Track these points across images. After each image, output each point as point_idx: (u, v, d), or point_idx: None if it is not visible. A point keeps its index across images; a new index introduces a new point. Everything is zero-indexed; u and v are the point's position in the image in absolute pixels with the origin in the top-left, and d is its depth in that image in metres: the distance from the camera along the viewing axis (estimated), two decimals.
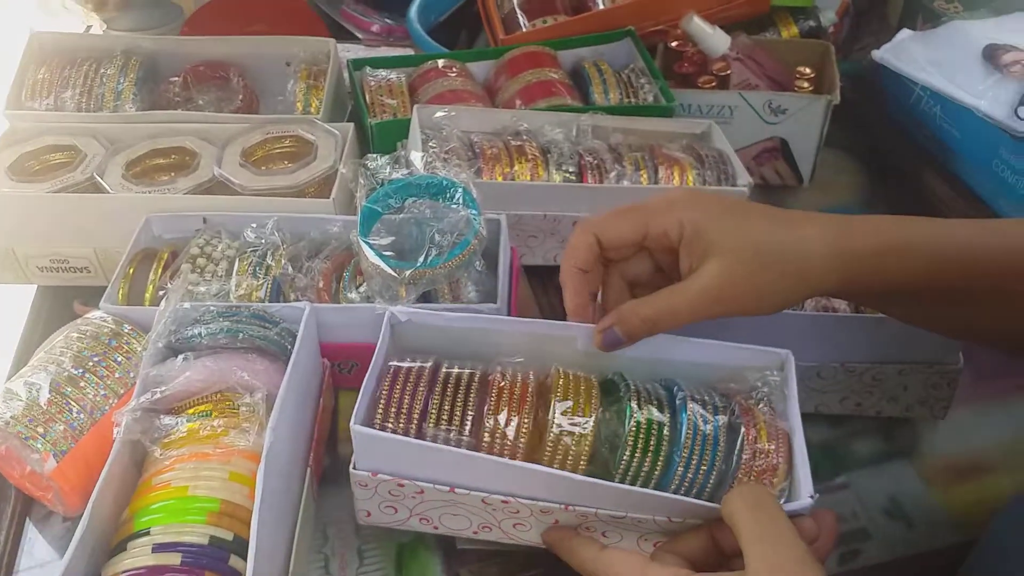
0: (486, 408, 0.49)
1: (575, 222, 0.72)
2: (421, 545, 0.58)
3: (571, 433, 0.48)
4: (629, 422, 0.48)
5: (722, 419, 0.49)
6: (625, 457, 0.48)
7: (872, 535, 0.60)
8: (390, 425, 0.48)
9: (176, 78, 0.81)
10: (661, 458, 0.48)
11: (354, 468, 0.49)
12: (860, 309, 0.63)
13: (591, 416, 0.48)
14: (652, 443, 0.48)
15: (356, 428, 0.47)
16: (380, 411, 0.49)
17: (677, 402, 0.49)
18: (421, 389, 0.49)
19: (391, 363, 0.51)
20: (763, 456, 0.48)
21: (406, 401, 0.49)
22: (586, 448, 0.48)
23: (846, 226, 0.49)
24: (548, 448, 0.48)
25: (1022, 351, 0.54)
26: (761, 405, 0.50)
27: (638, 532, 0.49)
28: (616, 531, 0.49)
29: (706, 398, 0.50)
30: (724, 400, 0.51)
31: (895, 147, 0.92)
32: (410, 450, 0.47)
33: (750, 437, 0.48)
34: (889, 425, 0.66)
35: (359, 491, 0.50)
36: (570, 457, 0.48)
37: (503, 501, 0.48)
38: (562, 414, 0.48)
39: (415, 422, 0.49)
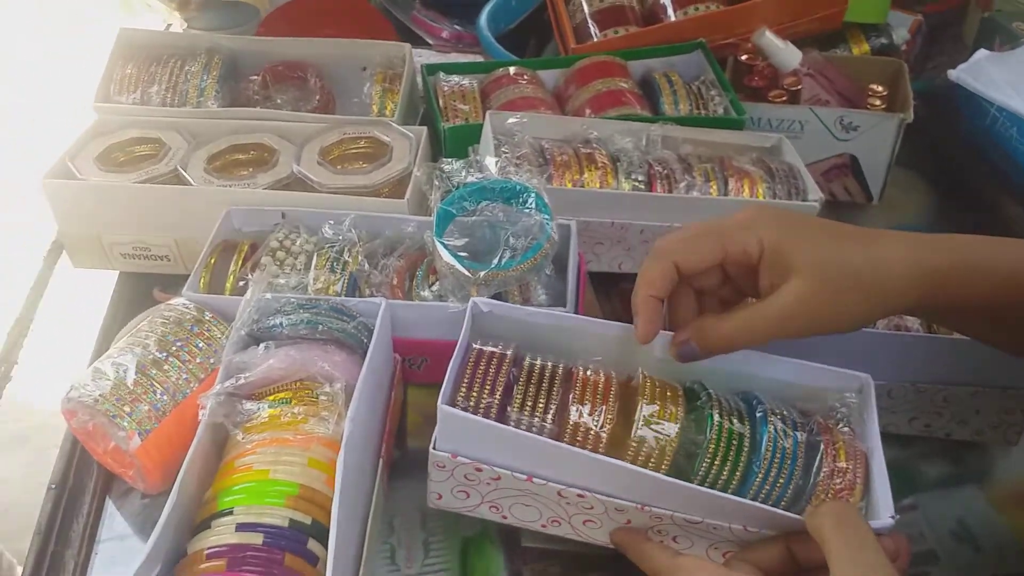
0: (571, 397, 0.49)
1: (642, 230, 0.73)
2: (486, 540, 0.59)
3: (656, 436, 0.48)
4: (710, 431, 0.48)
5: (801, 435, 0.49)
6: (704, 465, 0.48)
7: (940, 558, 0.59)
8: (472, 405, 0.49)
9: (256, 77, 0.84)
10: (740, 468, 0.48)
11: (434, 448, 0.49)
12: (933, 329, 0.63)
13: (676, 422, 0.48)
14: (732, 453, 0.48)
15: (443, 408, 0.47)
16: (463, 390, 0.49)
17: (757, 415, 0.50)
18: (504, 372, 0.49)
19: (475, 345, 0.52)
20: (841, 474, 0.48)
21: (488, 382, 0.49)
22: (669, 452, 0.48)
23: (926, 244, 0.49)
24: (631, 449, 0.48)
25: None
26: (840, 425, 0.50)
27: (709, 540, 0.49)
28: (687, 537, 0.49)
29: (785, 413, 0.50)
30: (803, 417, 0.51)
31: (968, 167, 0.91)
32: (494, 434, 0.47)
33: (829, 455, 0.48)
34: (959, 448, 0.66)
35: (435, 472, 0.51)
36: (652, 460, 0.48)
37: (579, 495, 0.48)
38: (648, 417, 0.48)
39: (496, 405, 0.49)
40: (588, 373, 0.50)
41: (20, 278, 0.78)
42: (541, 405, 0.49)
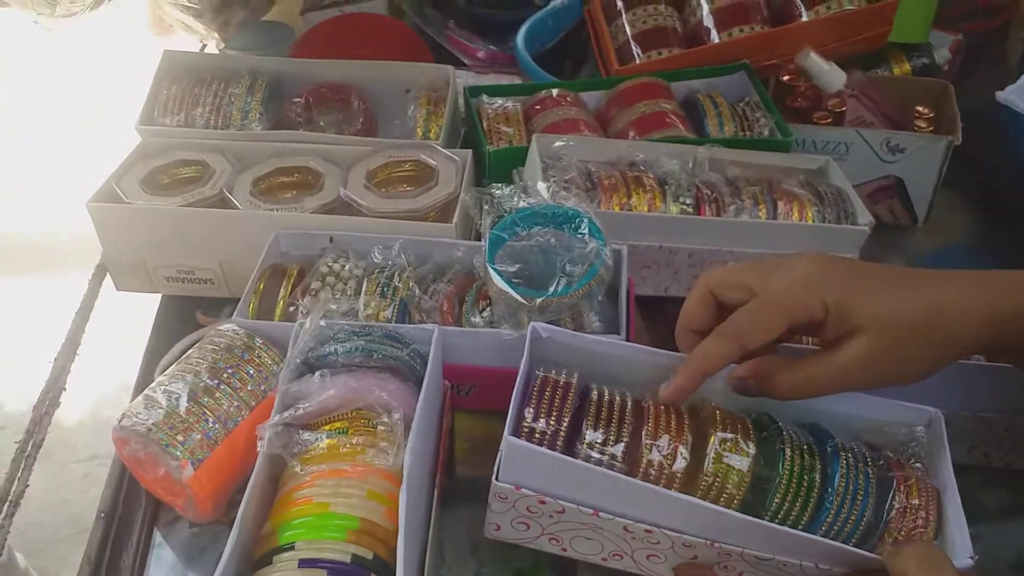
0: (644, 431, 0.48)
1: (690, 253, 0.72)
2: (540, 572, 0.58)
3: (728, 470, 0.47)
4: (782, 466, 0.47)
5: (873, 471, 0.48)
6: (776, 500, 0.47)
7: None
8: (538, 435, 0.48)
9: (298, 99, 0.84)
10: (811, 504, 0.47)
11: (497, 479, 0.48)
12: (992, 358, 0.61)
13: (748, 456, 0.48)
14: (803, 489, 0.47)
15: (510, 440, 0.46)
16: (529, 418, 0.48)
17: (828, 449, 0.49)
18: (570, 401, 0.48)
19: (538, 372, 0.51)
20: (914, 512, 0.47)
21: (555, 410, 0.48)
22: (742, 488, 0.47)
23: (990, 284, 0.47)
24: (703, 483, 0.47)
25: None
26: (912, 461, 0.49)
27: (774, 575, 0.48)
28: (754, 574, 0.48)
29: (855, 448, 0.49)
30: (873, 452, 0.50)
31: (1014, 188, 0.89)
32: (562, 467, 0.46)
33: (901, 491, 0.47)
34: (1017, 478, 0.64)
35: (496, 503, 0.49)
36: (724, 495, 0.47)
37: (646, 531, 0.47)
38: (720, 451, 0.47)
39: (564, 435, 0.48)
40: (660, 407, 0.50)
41: (65, 301, 0.78)
42: (612, 437, 0.48)
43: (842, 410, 0.52)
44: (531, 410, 0.48)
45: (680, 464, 0.47)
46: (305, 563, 0.45)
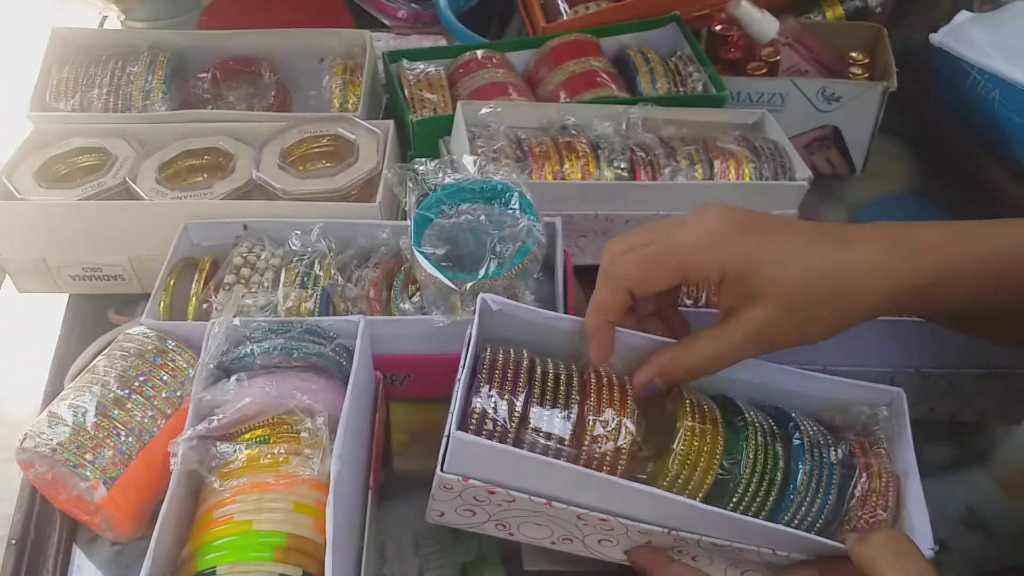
0: (587, 407, 0.46)
1: (627, 221, 0.70)
2: (485, 564, 0.56)
3: (696, 463, 0.45)
4: (746, 460, 0.46)
5: (836, 462, 0.46)
6: (739, 491, 0.45)
7: (952, 548, 0.57)
8: (488, 426, 0.45)
9: (205, 74, 0.78)
10: (774, 495, 0.45)
11: (442, 471, 0.45)
12: None
13: (716, 450, 0.45)
14: (766, 480, 0.45)
15: (457, 435, 0.43)
16: (475, 416, 0.45)
17: (795, 442, 0.47)
18: (522, 382, 0.46)
19: (483, 353, 0.48)
20: (874, 499, 0.46)
21: (506, 396, 0.45)
22: (710, 479, 0.45)
23: (898, 252, 0.45)
24: (670, 473, 0.45)
25: None
26: (876, 446, 0.48)
27: (730, 560, 0.47)
28: (707, 556, 0.47)
29: (821, 439, 0.47)
30: (836, 438, 0.48)
31: (949, 132, 0.89)
32: (511, 459, 0.44)
33: (863, 478, 0.46)
34: (962, 430, 0.64)
35: (442, 493, 0.46)
36: (690, 486, 0.45)
37: (601, 519, 0.45)
38: (688, 442, 0.45)
39: (516, 418, 0.45)
40: (603, 380, 0.47)
41: None
42: (560, 416, 0.45)
43: (806, 391, 0.51)
44: (479, 396, 0.45)
45: (625, 439, 0.45)
46: None
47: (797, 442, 0.47)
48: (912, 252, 0.45)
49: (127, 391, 0.54)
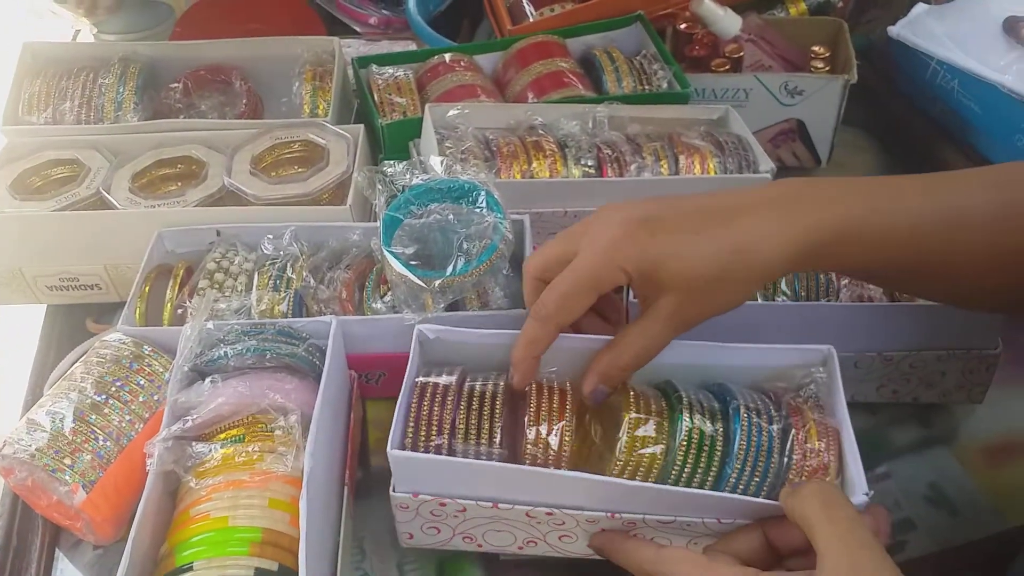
0: (527, 419, 0.48)
1: None
2: (463, 557, 0.57)
3: (642, 453, 0.47)
4: (680, 435, 0.47)
5: (776, 427, 0.48)
6: (676, 468, 0.47)
7: (917, 525, 0.59)
8: (422, 444, 0.48)
9: (176, 84, 0.79)
10: (713, 469, 0.47)
11: (394, 491, 0.48)
12: (895, 297, 0.62)
13: (661, 438, 0.47)
14: (704, 456, 0.47)
15: (392, 453, 0.46)
16: (411, 430, 0.48)
17: (731, 411, 0.48)
18: (450, 405, 0.48)
19: (418, 380, 0.50)
20: (814, 455, 0.47)
21: (435, 417, 0.48)
22: (657, 466, 0.47)
23: (792, 208, 0.46)
24: (617, 464, 0.47)
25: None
26: (809, 403, 0.49)
27: (687, 536, 0.48)
28: (665, 536, 0.48)
29: (759, 406, 0.49)
30: (776, 405, 0.50)
31: (911, 122, 0.91)
32: (449, 468, 0.46)
33: (800, 438, 0.47)
34: (926, 411, 0.66)
35: (401, 513, 0.49)
36: (639, 474, 0.47)
37: (547, 513, 0.47)
38: (633, 433, 0.47)
39: (446, 438, 0.48)
40: (543, 390, 0.49)
41: None
42: (486, 431, 0.48)
43: (744, 363, 0.52)
44: (412, 421, 0.48)
45: (563, 443, 0.47)
46: None
47: (733, 410, 0.48)
48: (806, 212, 0.46)
49: (104, 396, 0.55)
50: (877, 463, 0.63)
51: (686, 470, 0.47)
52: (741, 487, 0.47)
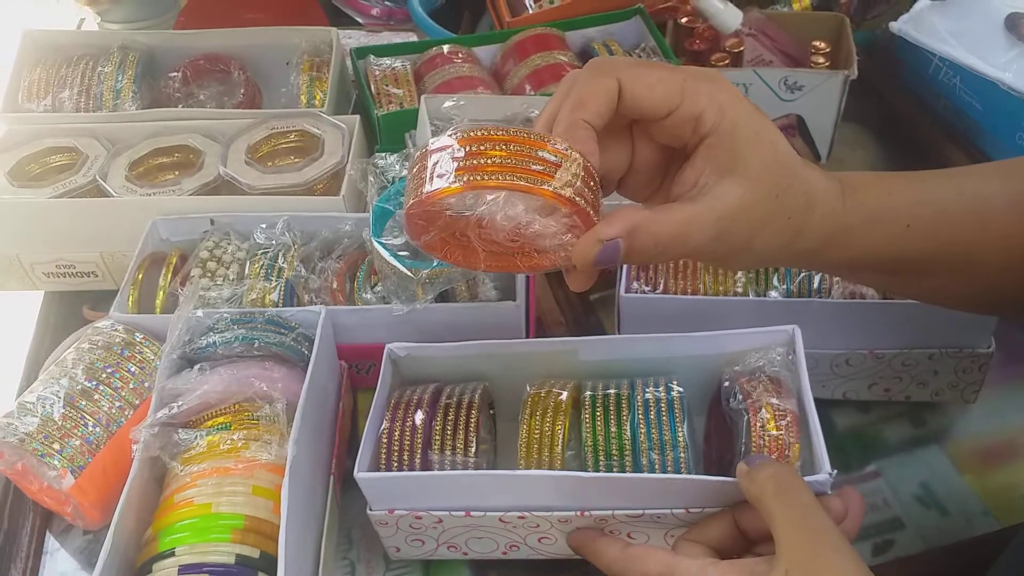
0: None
1: None
2: None
3: (552, 438, 0.48)
4: (584, 425, 0.49)
5: (676, 390, 0.49)
6: (587, 424, 0.48)
7: (905, 524, 0.59)
8: (395, 459, 0.49)
9: (175, 73, 0.79)
10: (622, 421, 0.48)
11: (370, 510, 0.49)
12: (888, 296, 0.61)
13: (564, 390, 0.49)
14: (615, 450, 0.48)
15: (360, 476, 0.47)
16: (384, 448, 0.49)
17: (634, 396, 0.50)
18: (421, 420, 0.49)
19: (392, 398, 0.52)
20: (772, 439, 0.46)
21: (407, 435, 0.49)
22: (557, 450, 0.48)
23: (843, 188, 0.44)
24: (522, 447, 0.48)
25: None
26: (764, 386, 0.48)
27: (663, 528, 0.48)
28: (641, 531, 0.48)
29: (664, 400, 0.50)
30: (730, 388, 0.50)
31: (913, 119, 0.90)
32: (416, 482, 0.47)
33: (756, 422, 0.47)
34: (918, 410, 0.65)
35: (382, 530, 0.50)
36: (546, 440, 0.48)
37: (520, 517, 0.48)
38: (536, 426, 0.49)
39: (419, 452, 0.49)
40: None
41: None
42: (461, 441, 0.49)
43: (699, 351, 0.52)
44: (385, 440, 0.49)
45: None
46: (186, 569, 0.44)
47: (630, 381, 0.50)
48: (847, 196, 0.44)
49: (95, 383, 0.55)
50: (868, 461, 0.62)
51: (598, 425, 0.48)
52: (659, 446, 0.48)
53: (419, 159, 0.35)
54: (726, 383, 0.50)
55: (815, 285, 0.62)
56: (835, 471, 0.44)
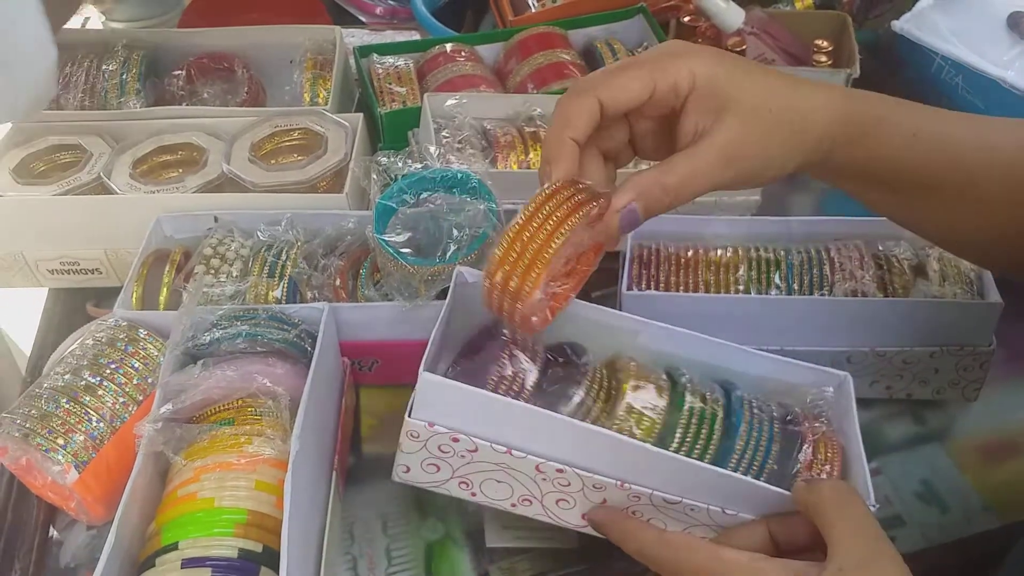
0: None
1: None
2: (450, 542, 0.57)
3: (641, 416, 0.47)
4: (683, 408, 0.47)
5: (778, 424, 0.48)
6: (676, 440, 0.47)
7: (906, 521, 0.59)
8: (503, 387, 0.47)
9: (179, 72, 0.79)
10: (713, 446, 0.47)
11: (409, 416, 0.46)
12: (889, 292, 0.62)
13: (660, 405, 0.48)
14: (704, 431, 0.47)
15: (425, 375, 0.44)
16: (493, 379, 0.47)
17: (734, 399, 0.49)
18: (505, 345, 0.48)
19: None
20: (819, 466, 0.47)
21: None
22: (654, 433, 0.47)
23: (845, 93, 0.47)
24: (613, 426, 0.47)
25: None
26: (819, 419, 0.50)
27: (684, 524, 0.48)
28: (662, 519, 0.48)
29: (762, 403, 0.49)
30: (780, 408, 0.50)
31: None
32: (477, 401, 0.45)
33: (808, 444, 0.48)
34: (919, 408, 0.65)
35: (408, 442, 0.47)
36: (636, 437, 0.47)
37: (558, 470, 0.46)
38: (633, 398, 0.47)
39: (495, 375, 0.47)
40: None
41: None
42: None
43: (756, 372, 0.52)
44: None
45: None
46: (189, 562, 0.44)
47: (736, 399, 0.49)
48: (855, 99, 0.46)
49: (99, 378, 0.56)
50: (869, 459, 0.60)
51: (686, 442, 0.47)
52: (742, 469, 0.47)
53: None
54: (782, 405, 0.51)
55: (817, 283, 0.62)
56: (877, 505, 0.45)
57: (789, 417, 0.50)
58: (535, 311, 0.43)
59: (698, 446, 0.48)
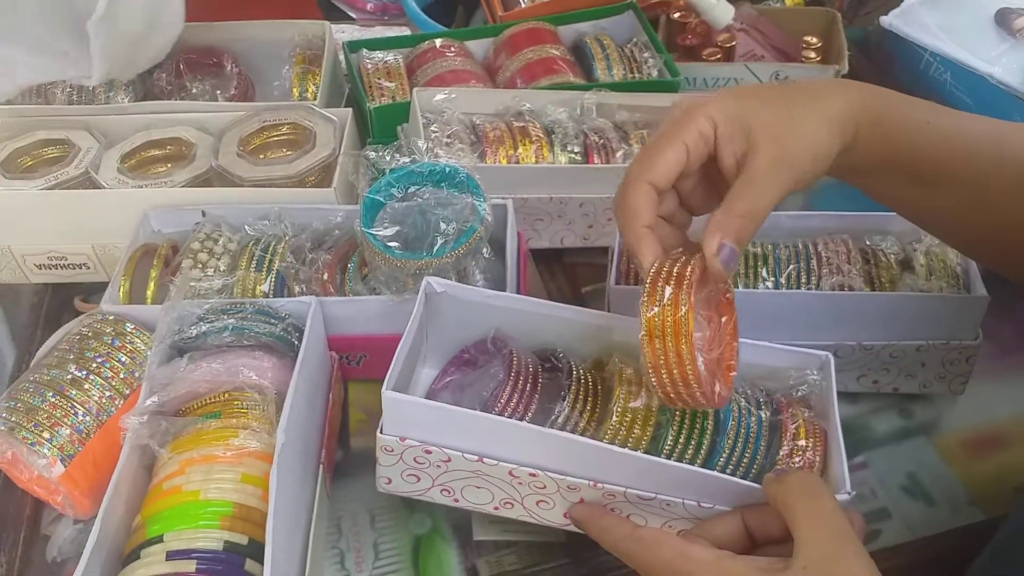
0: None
1: (581, 203, 0.71)
2: (438, 536, 0.57)
3: (634, 416, 0.48)
4: (675, 410, 0.48)
5: (765, 414, 0.48)
6: (668, 444, 0.47)
7: (892, 514, 0.59)
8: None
9: (168, 66, 0.79)
10: (704, 447, 0.47)
11: (381, 432, 0.48)
12: (875, 286, 0.62)
13: (652, 404, 0.48)
14: (696, 432, 0.47)
15: (387, 394, 0.46)
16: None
17: None
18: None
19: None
20: (800, 452, 0.48)
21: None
22: (649, 430, 0.47)
23: (858, 84, 0.49)
24: (610, 430, 0.47)
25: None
26: (800, 404, 0.50)
27: (663, 518, 0.48)
28: (641, 515, 0.48)
29: (749, 393, 0.50)
30: (766, 397, 0.50)
31: None
32: (441, 416, 0.46)
33: (788, 434, 0.48)
34: (906, 402, 0.66)
35: (384, 456, 0.49)
36: (631, 440, 0.47)
37: (531, 474, 0.47)
38: (625, 401, 0.48)
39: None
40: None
41: None
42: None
43: (741, 357, 0.52)
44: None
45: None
46: (174, 555, 0.44)
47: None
48: (864, 89, 0.49)
49: (85, 372, 0.55)
50: (856, 452, 0.63)
51: (679, 444, 0.47)
52: (731, 468, 0.47)
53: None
54: (762, 391, 0.51)
55: (803, 278, 0.62)
56: (853, 492, 0.45)
57: (772, 405, 0.50)
58: (712, 384, 0.44)
59: (689, 450, 0.48)
